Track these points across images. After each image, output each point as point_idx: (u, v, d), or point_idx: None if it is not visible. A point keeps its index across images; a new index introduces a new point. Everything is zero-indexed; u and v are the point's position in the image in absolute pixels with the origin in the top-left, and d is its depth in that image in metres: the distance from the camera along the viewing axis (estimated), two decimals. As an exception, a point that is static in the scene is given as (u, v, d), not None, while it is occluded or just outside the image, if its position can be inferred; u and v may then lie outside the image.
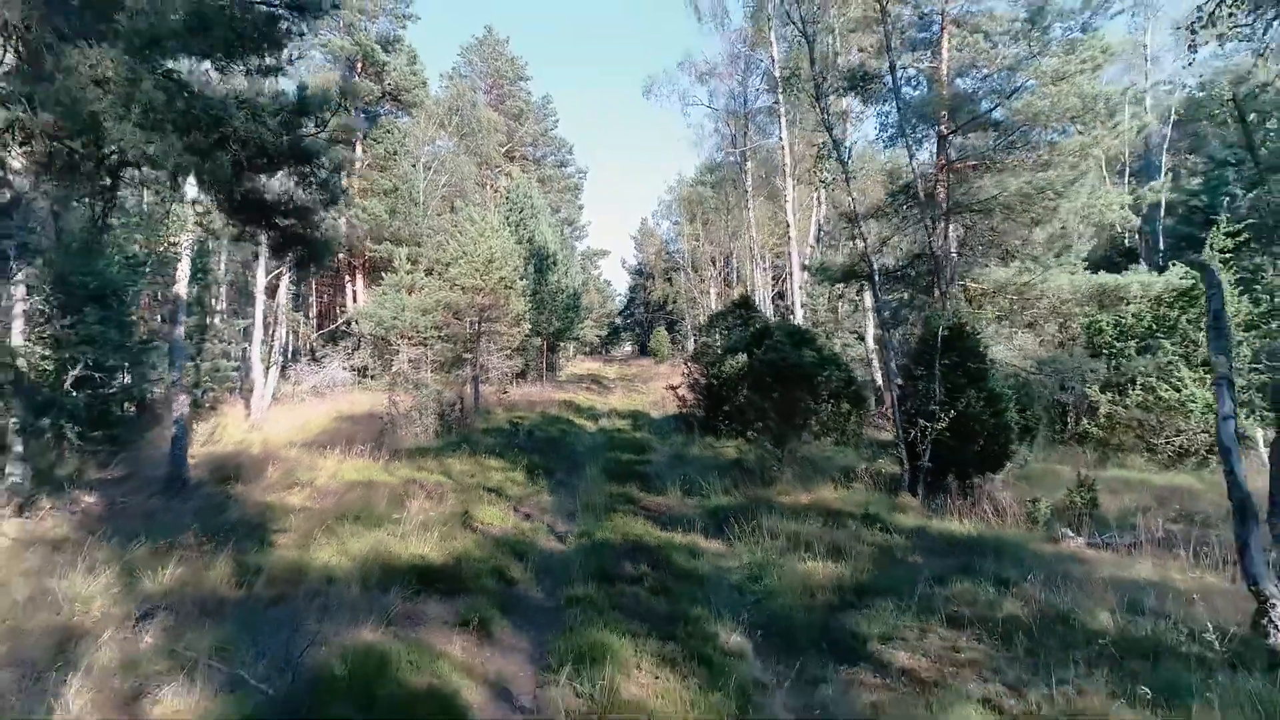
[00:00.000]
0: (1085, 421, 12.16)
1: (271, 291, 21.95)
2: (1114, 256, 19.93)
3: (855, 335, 18.82)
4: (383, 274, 28.72)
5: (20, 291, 8.13)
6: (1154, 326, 12.15)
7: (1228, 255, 12.34)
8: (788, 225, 18.34)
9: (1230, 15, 5.15)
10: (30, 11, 3.21)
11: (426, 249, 29.82)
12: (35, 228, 7.46)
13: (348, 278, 33.27)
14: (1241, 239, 12.54)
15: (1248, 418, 10.52)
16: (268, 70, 4.75)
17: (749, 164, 23.99)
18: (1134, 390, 11.48)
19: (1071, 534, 7.30)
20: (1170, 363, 11.45)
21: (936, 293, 10.37)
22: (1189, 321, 11.48)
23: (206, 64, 4.39)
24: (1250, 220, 13.44)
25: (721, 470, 11.11)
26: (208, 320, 18.73)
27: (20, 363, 9.21)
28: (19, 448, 9.61)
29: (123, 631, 5.10)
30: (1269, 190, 6.23)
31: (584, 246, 59.47)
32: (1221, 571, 6.08)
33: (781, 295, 30.61)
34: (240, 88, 4.66)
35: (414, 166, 32.77)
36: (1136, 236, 20.47)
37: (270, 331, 21.49)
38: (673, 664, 4.55)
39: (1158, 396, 11.28)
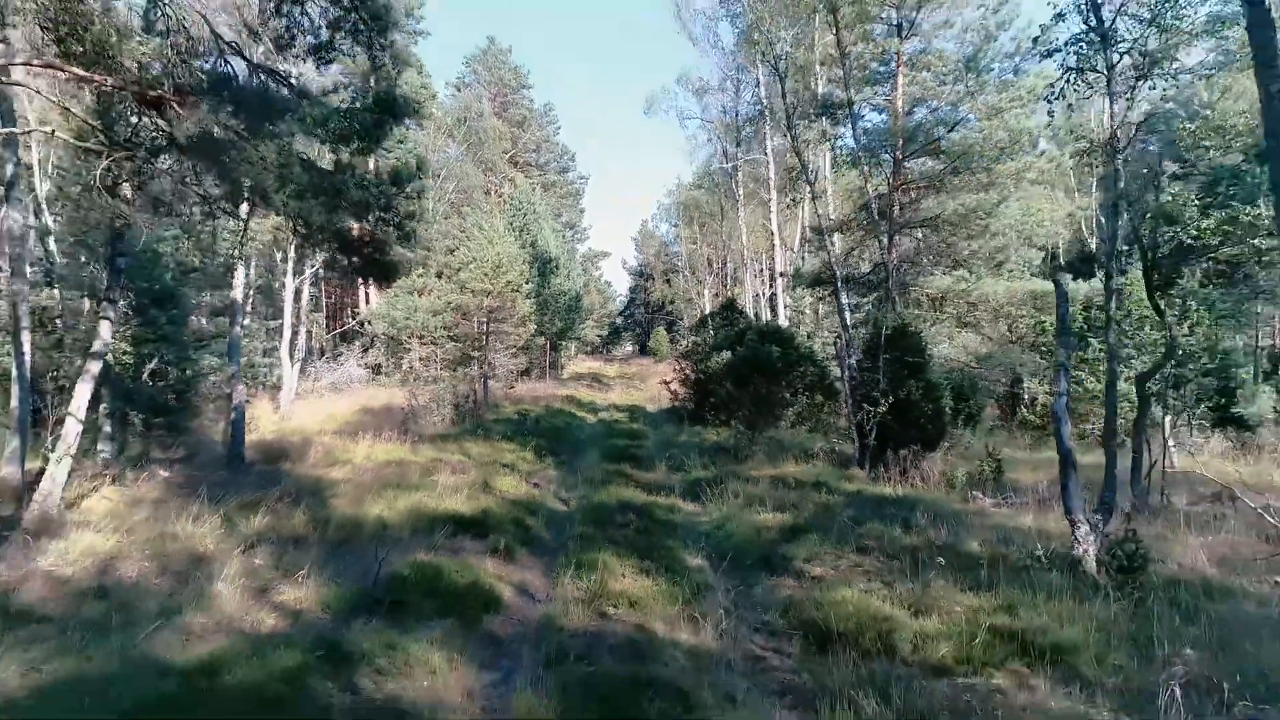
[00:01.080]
0: (1024, 410, 13.84)
1: (295, 295, 23.63)
2: (1076, 262, 21.61)
3: (834, 335, 20.49)
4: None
5: (117, 296, 9.80)
6: (1085, 326, 13.82)
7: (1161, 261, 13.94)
8: (772, 234, 20.00)
9: (1073, 91, 6.80)
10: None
11: (436, 253, 31.50)
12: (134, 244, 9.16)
13: (360, 280, 34.98)
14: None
15: (1157, 405, 12.19)
16: (366, 151, 6.41)
17: (740, 174, 25.68)
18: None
19: (980, 495, 8.99)
20: (1096, 358, 13.10)
21: (887, 297, 12.07)
22: (1115, 322, 13.09)
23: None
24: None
25: (704, 452, 12.81)
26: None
27: (109, 358, 10.94)
28: (107, 428, 11.37)
29: (236, 556, 6.80)
30: (1134, 223, 7.63)
31: (585, 248, 61.22)
32: (1083, 519, 7.73)
33: (773, 298, 32.25)
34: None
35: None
36: (1094, 243, 22.12)
37: (295, 332, 23.19)
38: (648, 573, 6.24)
39: (1084, 388, 12.93)
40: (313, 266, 21.68)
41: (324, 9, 6.00)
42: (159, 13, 5.70)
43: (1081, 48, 6.62)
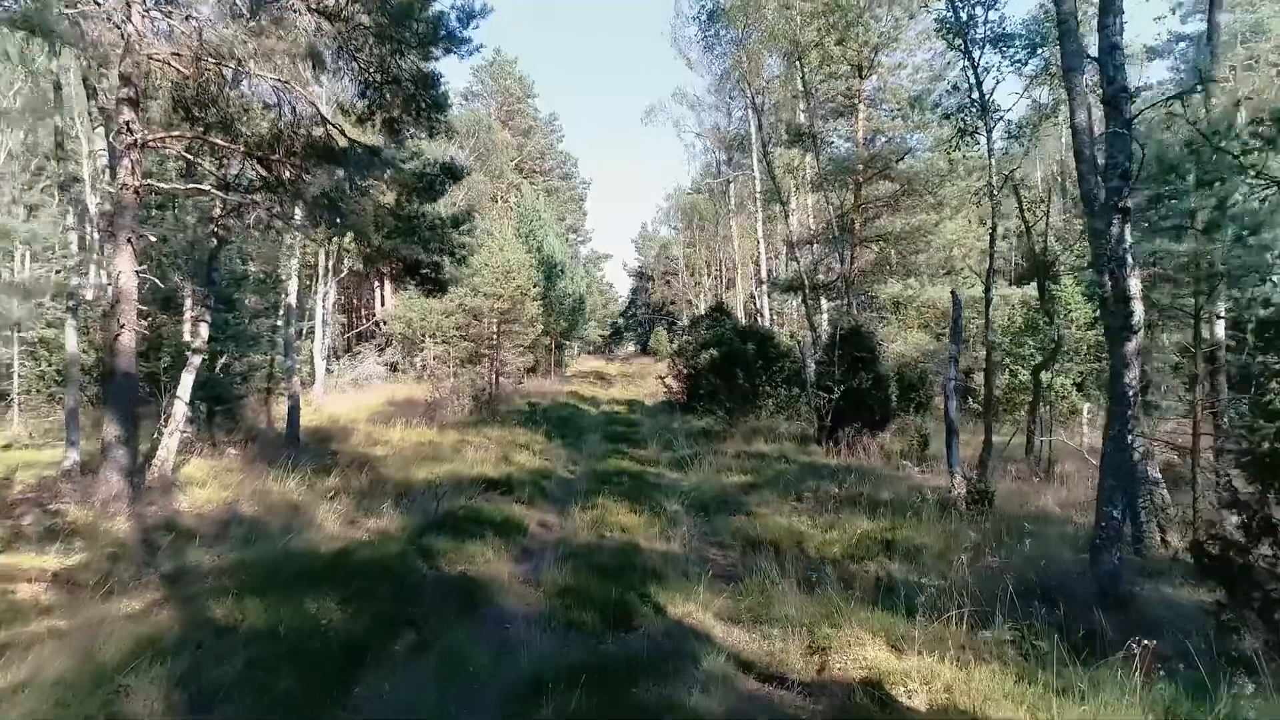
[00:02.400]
0: (969, 399, 15.92)
1: (323, 299, 25.75)
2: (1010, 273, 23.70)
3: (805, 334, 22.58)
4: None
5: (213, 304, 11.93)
6: (1024, 327, 15.88)
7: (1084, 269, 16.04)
8: (757, 242, 22.07)
9: (967, 144, 8.84)
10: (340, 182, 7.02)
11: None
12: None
13: (376, 284, 37.15)
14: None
15: (1078, 393, 14.26)
16: (431, 201, 8.50)
17: (731, 186, 27.78)
18: (1003, 374, 15.19)
19: (907, 464, 11.07)
20: (1030, 355, 15.14)
21: (845, 302, 14.13)
22: (1046, 324, 15.20)
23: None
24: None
25: (690, 435, 14.90)
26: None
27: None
28: (188, 413, 13.50)
29: (323, 503, 8.90)
30: (1029, 244, 9.43)
31: (588, 250, 63.44)
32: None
33: (761, 300, 34.28)
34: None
35: (435, 184, 36.57)
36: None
37: (324, 332, 25.33)
38: (636, 512, 8.34)
39: (1020, 380, 14.98)
40: (339, 275, 23.79)
41: (397, 95, 8.07)
42: (276, 96, 7.81)
43: (965, 116, 8.68)
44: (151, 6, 7.28)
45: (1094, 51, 5.27)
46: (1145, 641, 3.93)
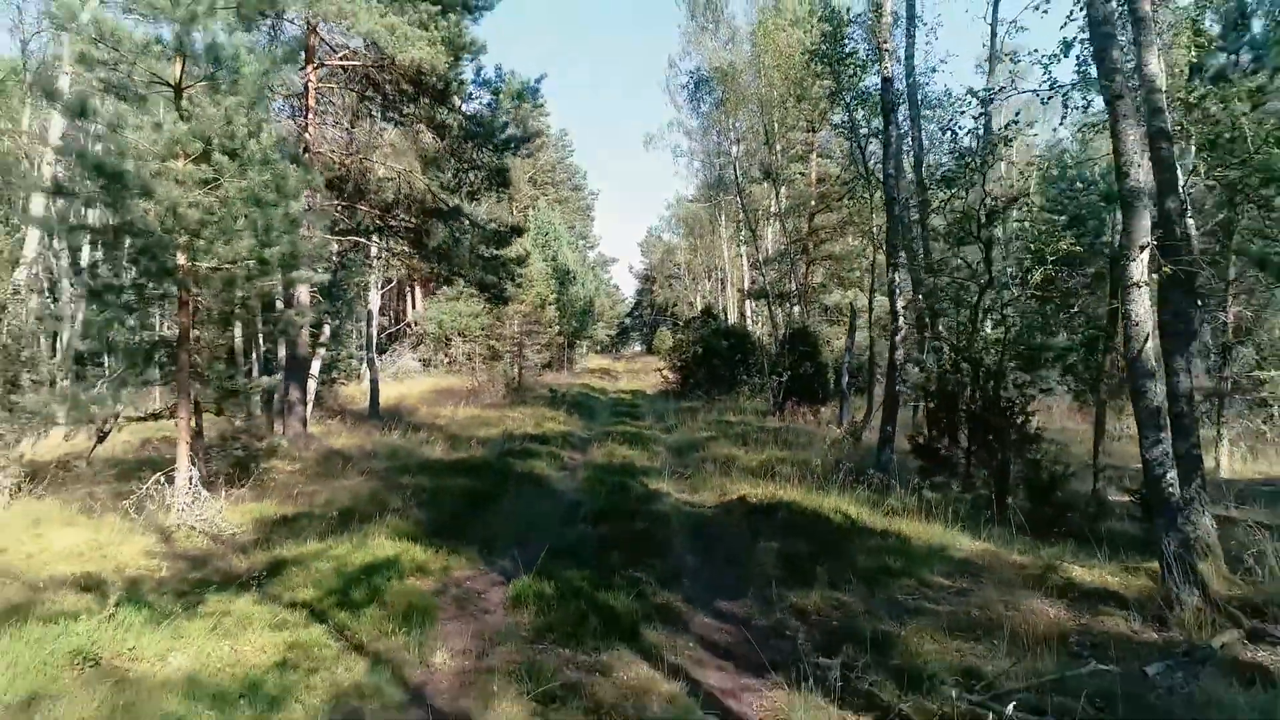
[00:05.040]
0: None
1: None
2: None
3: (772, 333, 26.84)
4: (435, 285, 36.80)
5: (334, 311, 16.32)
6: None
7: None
8: (739, 258, 26.20)
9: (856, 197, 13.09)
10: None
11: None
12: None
13: (408, 288, 41.64)
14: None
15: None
16: (502, 247, 12.89)
17: (721, 206, 32.00)
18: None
19: (832, 425, 15.30)
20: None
21: (801, 308, 18.35)
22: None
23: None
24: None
25: (678, 411, 19.17)
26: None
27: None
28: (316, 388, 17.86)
29: (424, 445, 13.21)
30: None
31: (594, 255, 67.82)
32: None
33: (744, 304, 38.48)
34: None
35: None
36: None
37: (372, 330, 29.76)
38: (634, 449, 12.64)
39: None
40: (389, 285, 28.16)
41: (479, 177, 12.33)
42: (398, 176, 12.15)
43: (855, 186, 12.90)
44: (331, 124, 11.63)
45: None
46: (879, 475, 8.20)
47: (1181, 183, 6.03)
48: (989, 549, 6.31)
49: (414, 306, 41.35)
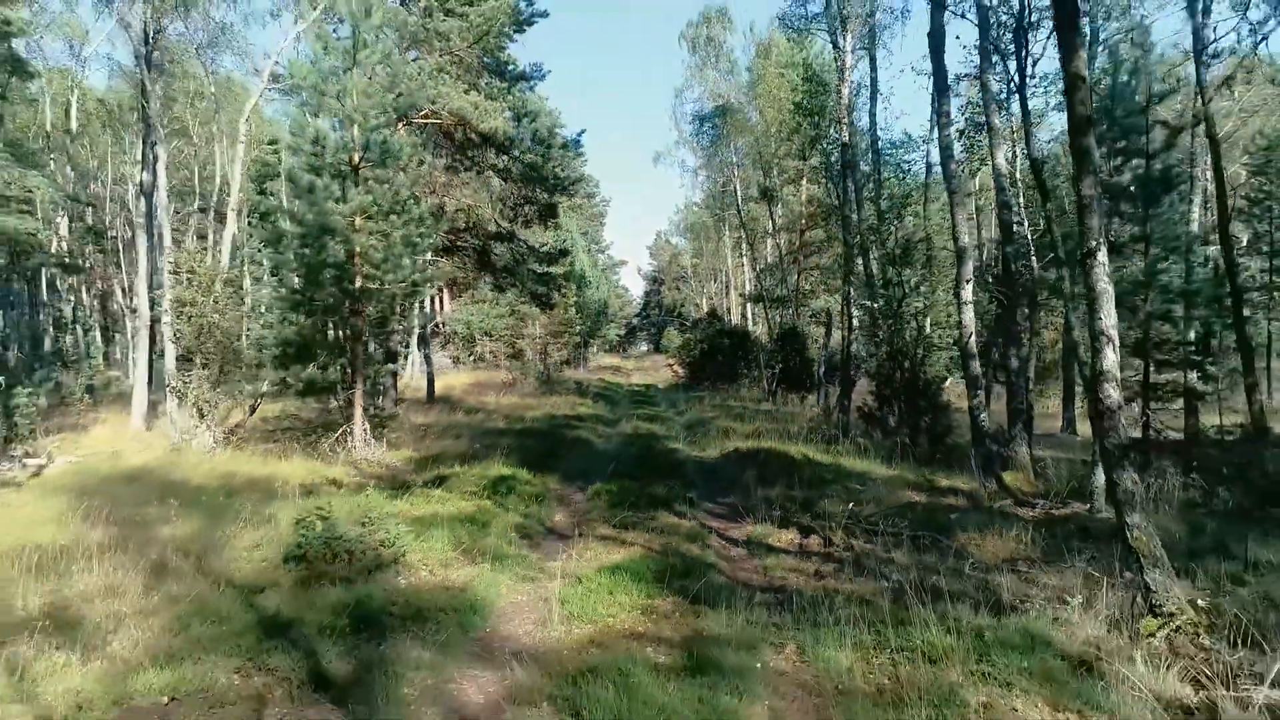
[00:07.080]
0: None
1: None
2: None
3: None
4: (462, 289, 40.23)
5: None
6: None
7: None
8: (740, 267, 29.48)
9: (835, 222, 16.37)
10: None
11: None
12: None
13: (436, 293, 45.13)
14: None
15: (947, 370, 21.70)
16: (552, 265, 16.27)
17: (725, 216, 35.31)
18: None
19: (814, 408, 18.63)
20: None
21: (792, 311, 21.68)
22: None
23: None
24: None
25: (688, 399, 22.57)
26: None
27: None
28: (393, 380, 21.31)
29: (486, 420, 16.64)
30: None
31: (604, 259, 71.17)
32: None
33: (745, 306, 41.73)
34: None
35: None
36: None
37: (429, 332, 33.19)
38: (654, 425, 16.02)
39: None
40: (434, 292, 31.56)
41: (533, 209, 15.63)
42: (467, 210, 15.56)
43: (831, 216, 16.21)
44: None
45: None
46: (834, 432, 11.54)
47: (1017, 233, 9.36)
48: (895, 473, 9.66)
49: (442, 308, 44.84)
